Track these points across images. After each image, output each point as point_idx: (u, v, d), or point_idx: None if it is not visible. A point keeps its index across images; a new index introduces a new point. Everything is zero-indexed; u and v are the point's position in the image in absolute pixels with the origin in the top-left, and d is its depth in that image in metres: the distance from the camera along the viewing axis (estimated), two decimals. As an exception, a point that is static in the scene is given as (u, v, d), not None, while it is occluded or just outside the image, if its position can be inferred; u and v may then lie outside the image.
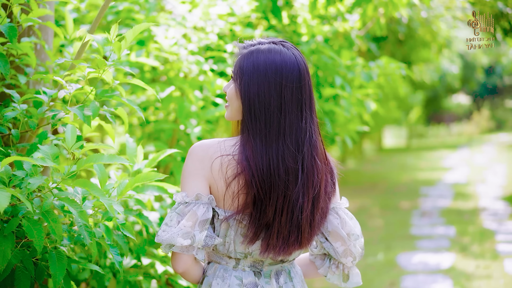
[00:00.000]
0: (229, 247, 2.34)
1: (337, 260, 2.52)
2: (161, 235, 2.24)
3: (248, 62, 2.30)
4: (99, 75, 2.58)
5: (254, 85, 2.27)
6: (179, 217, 2.24)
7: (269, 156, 2.25)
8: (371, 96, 5.64)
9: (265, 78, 2.26)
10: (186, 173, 2.29)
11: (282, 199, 2.27)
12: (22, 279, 2.38)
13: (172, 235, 2.22)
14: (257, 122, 2.26)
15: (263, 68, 2.27)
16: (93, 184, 2.29)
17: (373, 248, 8.51)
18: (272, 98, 2.26)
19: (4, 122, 2.67)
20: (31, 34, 3.31)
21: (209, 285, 2.39)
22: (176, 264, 2.32)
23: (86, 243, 2.33)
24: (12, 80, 3.13)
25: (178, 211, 2.25)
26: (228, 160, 2.26)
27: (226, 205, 2.29)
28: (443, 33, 10.60)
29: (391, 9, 5.62)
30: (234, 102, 2.34)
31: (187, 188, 2.27)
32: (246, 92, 2.28)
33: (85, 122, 2.50)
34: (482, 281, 6.62)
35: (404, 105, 24.75)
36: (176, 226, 2.23)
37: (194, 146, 2.31)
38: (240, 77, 2.30)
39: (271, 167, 2.25)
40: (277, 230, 2.29)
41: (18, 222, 2.27)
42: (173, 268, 2.34)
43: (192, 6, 4.62)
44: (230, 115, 2.38)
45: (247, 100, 2.27)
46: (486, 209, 11.09)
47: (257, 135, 2.25)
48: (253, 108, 2.26)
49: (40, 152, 2.29)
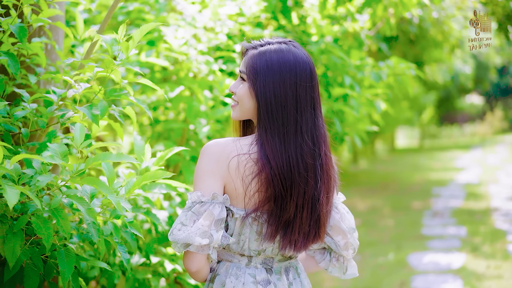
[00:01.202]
0: (244, 245, 2.37)
1: (337, 253, 2.61)
2: (176, 234, 2.25)
3: (261, 62, 2.33)
4: (107, 74, 2.62)
5: (270, 85, 2.30)
6: (195, 216, 2.25)
7: (288, 154, 2.29)
8: (380, 96, 5.65)
9: (280, 77, 2.30)
10: (201, 172, 2.30)
11: (302, 195, 2.32)
12: (31, 276, 2.41)
13: (190, 234, 2.23)
14: (275, 121, 2.29)
15: (277, 67, 2.31)
16: (101, 181, 2.32)
17: (384, 248, 8.52)
18: (288, 97, 2.30)
19: (14, 121, 2.71)
20: (41, 35, 3.35)
21: (222, 283, 2.40)
22: (190, 264, 2.33)
23: (94, 240, 2.35)
24: (23, 80, 3.17)
25: (194, 210, 2.26)
26: (245, 159, 2.29)
27: (243, 203, 2.32)
28: (455, 33, 10.57)
29: (401, 9, 5.63)
30: (246, 101, 2.36)
31: (202, 187, 2.28)
32: (262, 92, 2.31)
33: (93, 121, 2.53)
34: (493, 281, 6.61)
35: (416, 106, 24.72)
36: (192, 225, 2.24)
37: (209, 145, 2.32)
38: (254, 77, 2.32)
39: (291, 165, 2.29)
40: (299, 226, 2.35)
41: (27, 219, 2.30)
42: (186, 268, 2.35)
43: (202, 6, 4.65)
44: (239, 114, 2.41)
45: (264, 100, 2.30)
46: (498, 209, 11.06)
47: (275, 134, 2.29)
48: (270, 108, 2.29)
49: (49, 150, 2.32)
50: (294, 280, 2.50)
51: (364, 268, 7.51)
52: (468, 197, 12.75)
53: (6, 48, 2.89)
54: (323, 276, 7.20)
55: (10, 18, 2.81)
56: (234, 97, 2.41)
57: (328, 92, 5.13)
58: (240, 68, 2.41)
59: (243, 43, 2.46)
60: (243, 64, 2.39)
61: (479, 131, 36.15)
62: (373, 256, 8.08)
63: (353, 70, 5.12)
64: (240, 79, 2.40)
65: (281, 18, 5.22)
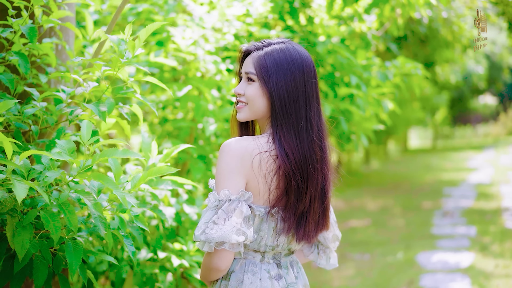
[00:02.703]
0: (261, 241, 2.43)
1: (324, 246, 2.72)
2: (210, 233, 2.27)
3: (271, 61, 2.40)
4: (114, 73, 2.69)
5: (282, 82, 2.38)
6: (225, 215, 2.28)
7: (303, 148, 2.39)
8: (387, 95, 5.70)
9: (290, 75, 2.40)
10: (225, 171, 2.32)
11: (315, 186, 2.43)
12: (40, 268, 2.49)
13: (226, 233, 2.26)
14: (290, 117, 2.39)
15: (287, 65, 2.40)
16: (107, 177, 2.40)
17: (393, 247, 8.56)
18: (299, 93, 2.41)
19: (24, 118, 2.79)
20: (52, 35, 3.44)
21: (239, 280, 2.45)
22: (221, 262, 2.35)
23: (101, 233, 2.43)
24: (34, 80, 3.25)
25: (224, 209, 2.29)
26: (266, 157, 2.35)
27: (263, 200, 2.38)
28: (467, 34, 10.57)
29: (408, 9, 5.69)
30: (257, 101, 2.42)
31: (228, 185, 2.31)
32: (275, 90, 2.38)
33: (100, 117, 2.61)
34: (501, 280, 6.63)
35: (429, 106, 24.69)
36: (224, 223, 2.27)
37: (231, 143, 2.36)
38: (266, 77, 2.39)
39: (306, 158, 2.40)
40: (312, 216, 2.45)
41: (36, 213, 2.37)
42: (215, 266, 2.35)
43: (210, 7, 4.72)
44: (248, 115, 2.46)
45: (278, 97, 2.38)
46: (509, 209, 11.06)
47: (291, 129, 2.38)
48: (284, 104, 2.38)
49: (58, 146, 2.40)
50: (298, 273, 2.59)
51: (373, 267, 7.56)
52: (479, 197, 12.75)
53: (17, 49, 2.98)
54: (332, 275, 7.26)
55: (21, 19, 2.89)
56: (242, 98, 2.46)
57: (335, 92, 5.18)
58: (246, 69, 2.46)
59: (244, 45, 2.53)
60: (250, 66, 2.45)
61: (492, 132, 36.01)
62: (382, 255, 8.13)
63: (359, 70, 5.17)
64: (247, 80, 2.46)
65: (288, 19, 5.28)
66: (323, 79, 5.20)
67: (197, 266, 3.49)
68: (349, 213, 11.65)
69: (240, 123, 2.59)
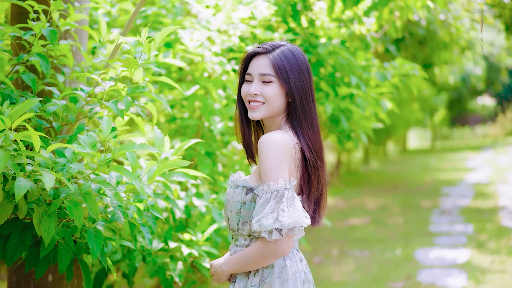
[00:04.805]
0: None
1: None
2: (283, 220, 2.41)
3: (286, 61, 2.61)
4: (130, 74, 2.88)
5: (298, 81, 2.60)
6: (290, 202, 2.45)
7: (317, 139, 2.65)
8: (385, 95, 5.90)
9: (303, 74, 2.63)
10: (276, 162, 2.48)
11: (325, 173, 2.68)
12: (64, 254, 2.69)
13: (298, 218, 2.44)
14: (307, 112, 2.62)
15: (298, 65, 2.62)
16: (126, 169, 2.59)
17: (392, 244, 8.75)
18: (310, 90, 2.65)
19: (47, 115, 2.98)
20: (67, 37, 3.63)
21: (282, 266, 2.59)
22: (288, 247, 2.50)
23: (121, 221, 2.62)
24: (51, 79, 3.44)
25: (287, 197, 2.45)
26: (296, 149, 2.56)
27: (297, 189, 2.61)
28: (464, 35, 10.75)
29: (406, 12, 5.88)
30: (277, 100, 2.61)
31: (283, 175, 2.48)
32: (296, 88, 2.60)
33: (118, 115, 2.80)
34: (497, 275, 6.81)
35: (427, 107, 24.87)
36: (293, 210, 2.44)
37: (274, 137, 2.51)
38: (286, 76, 2.59)
39: (321, 148, 2.66)
40: (323, 202, 2.69)
41: (60, 202, 2.57)
42: (282, 252, 2.48)
43: (216, 10, 4.91)
44: (265, 113, 2.63)
45: (298, 95, 2.60)
46: (506, 208, 11.23)
47: (308, 123, 2.62)
48: (302, 101, 2.61)
49: (80, 141, 2.60)
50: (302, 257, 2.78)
51: (372, 262, 7.75)
52: (477, 196, 12.93)
53: (37, 50, 3.17)
54: (332, 271, 7.45)
55: (41, 23, 3.08)
56: (258, 98, 2.61)
57: (335, 91, 5.37)
58: (261, 71, 2.61)
59: (252, 49, 2.71)
60: (265, 67, 2.61)
61: (490, 133, 36.18)
62: (382, 252, 8.32)
63: (359, 70, 5.37)
64: (262, 82, 2.61)
65: (290, 21, 5.48)
66: (324, 79, 5.40)
67: (205, 255, 3.69)
68: (349, 211, 11.85)
69: (245, 122, 2.75)
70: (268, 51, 2.63)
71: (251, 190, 2.58)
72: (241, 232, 2.62)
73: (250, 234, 2.60)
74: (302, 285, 2.62)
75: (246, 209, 2.58)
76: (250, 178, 2.64)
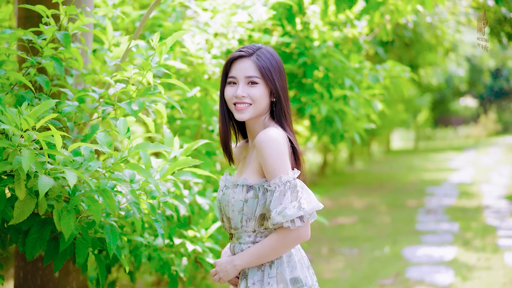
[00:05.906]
0: None
1: None
2: (306, 208, 2.56)
3: (268, 63, 2.76)
4: (143, 76, 3.01)
5: (280, 81, 2.77)
6: (303, 189, 2.62)
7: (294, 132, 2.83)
8: (377, 96, 6.06)
9: (282, 74, 2.81)
10: (282, 155, 2.63)
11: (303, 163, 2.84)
12: (81, 248, 2.82)
13: (314, 203, 2.61)
14: (288, 109, 2.81)
15: (278, 67, 2.79)
16: (142, 167, 2.73)
17: (380, 242, 8.91)
18: (287, 89, 2.84)
19: (61, 116, 3.11)
20: (74, 41, 3.75)
21: (288, 255, 2.75)
22: (309, 231, 2.65)
23: (136, 216, 2.75)
24: (59, 81, 3.56)
25: (300, 185, 2.62)
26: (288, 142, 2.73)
27: None
28: (449, 37, 10.94)
29: (396, 16, 6.05)
30: (263, 100, 2.75)
31: (288, 167, 2.64)
32: (280, 88, 2.76)
33: (132, 115, 2.93)
34: (483, 272, 6.99)
35: (411, 108, 25.10)
36: (308, 196, 2.61)
37: (275, 133, 2.67)
38: (271, 77, 2.74)
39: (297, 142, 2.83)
40: None
41: (79, 199, 2.69)
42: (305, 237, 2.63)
43: (213, 13, 5.03)
44: (252, 114, 2.76)
45: (282, 94, 2.77)
46: (489, 207, 11.44)
47: (290, 119, 2.81)
48: (284, 100, 2.78)
49: (98, 140, 2.73)
50: None
51: (361, 260, 7.91)
52: (461, 195, 13.15)
53: (49, 53, 3.28)
54: (323, 268, 7.60)
55: (52, 27, 3.20)
56: (246, 100, 2.74)
57: (330, 93, 5.52)
58: (246, 74, 2.74)
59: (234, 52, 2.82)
60: (250, 70, 2.73)
61: (473, 133, 36.52)
62: (370, 250, 8.49)
63: (352, 72, 5.53)
64: (250, 84, 2.74)
65: (286, 25, 5.62)
66: (319, 81, 5.54)
67: (208, 251, 3.82)
68: (336, 210, 12.01)
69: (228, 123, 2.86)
70: (250, 54, 2.75)
71: (251, 187, 2.70)
72: (245, 229, 2.73)
73: (255, 229, 2.71)
74: (307, 270, 2.79)
75: (249, 206, 2.69)
76: (248, 176, 2.74)
